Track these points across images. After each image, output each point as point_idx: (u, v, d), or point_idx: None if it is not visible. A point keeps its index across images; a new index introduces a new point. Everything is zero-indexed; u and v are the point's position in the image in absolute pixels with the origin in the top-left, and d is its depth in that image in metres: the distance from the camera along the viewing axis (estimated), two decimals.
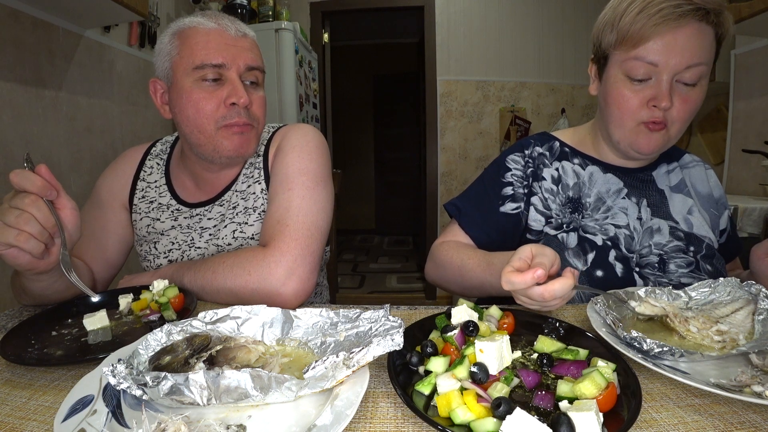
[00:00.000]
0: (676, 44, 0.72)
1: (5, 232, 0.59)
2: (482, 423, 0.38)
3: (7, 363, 0.54)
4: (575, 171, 0.91)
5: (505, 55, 3.41)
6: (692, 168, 0.95)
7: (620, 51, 0.78)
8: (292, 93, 2.60)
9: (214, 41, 0.82)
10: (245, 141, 0.86)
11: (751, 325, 0.56)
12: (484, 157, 3.52)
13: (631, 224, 0.86)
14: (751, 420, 0.41)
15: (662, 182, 0.91)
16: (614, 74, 0.80)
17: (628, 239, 0.84)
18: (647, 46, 0.74)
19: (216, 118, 0.83)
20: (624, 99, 0.79)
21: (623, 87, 0.79)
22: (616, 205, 0.87)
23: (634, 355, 0.50)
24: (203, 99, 0.82)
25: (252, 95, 0.86)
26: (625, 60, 0.77)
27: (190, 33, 0.83)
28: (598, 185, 0.89)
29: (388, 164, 6.19)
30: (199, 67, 0.81)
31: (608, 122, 0.84)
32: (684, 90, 0.76)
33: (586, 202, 0.88)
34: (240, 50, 0.84)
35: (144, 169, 0.99)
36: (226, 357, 0.50)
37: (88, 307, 0.70)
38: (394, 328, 0.48)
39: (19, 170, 0.61)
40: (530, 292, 0.58)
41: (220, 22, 0.84)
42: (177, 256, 0.92)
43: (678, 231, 0.86)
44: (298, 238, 0.80)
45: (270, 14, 2.95)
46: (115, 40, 2.06)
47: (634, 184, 0.89)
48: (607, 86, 0.82)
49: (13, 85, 1.51)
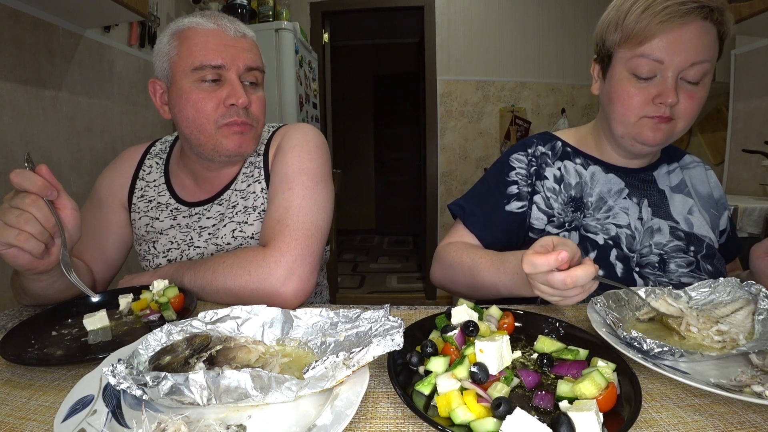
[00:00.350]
0: (681, 41, 0.73)
1: (5, 231, 0.59)
2: (482, 423, 0.38)
3: (7, 363, 0.54)
4: (577, 171, 0.91)
5: (505, 55, 3.41)
6: (692, 168, 0.96)
7: (625, 49, 0.78)
8: (292, 93, 2.60)
9: (213, 42, 0.82)
10: (245, 140, 0.86)
11: (751, 325, 0.56)
12: (484, 157, 3.52)
13: (632, 224, 0.86)
14: (751, 420, 0.41)
15: (663, 182, 0.91)
16: (619, 72, 0.80)
17: (629, 239, 0.85)
18: (652, 43, 0.74)
19: (215, 117, 0.83)
20: (629, 96, 0.79)
21: (628, 84, 0.79)
22: (618, 205, 0.87)
23: (634, 355, 0.50)
24: (202, 99, 0.82)
25: (251, 95, 0.86)
26: (631, 58, 0.77)
27: (189, 34, 0.83)
28: (599, 185, 0.89)
29: (388, 164, 6.19)
30: (199, 68, 0.81)
31: (611, 119, 0.84)
32: (688, 87, 0.77)
33: (587, 202, 0.88)
34: (239, 51, 0.84)
35: (143, 168, 0.99)
36: (226, 357, 0.50)
37: (88, 307, 0.70)
38: (394, 328, 0.48)
39: (20, 170, 0.61)
40: (551, 278, 0.57)
41: (219, 22, 0.84)
42: (176, 256, 0.92)
43: (678, 231, 0.87)
44: (298, 238, 0.80)
45: (270, 14, 2.95)
46: (115, 40, 2.06)
47: (635, 184, 0.90)
48: (611, 84, 0.82)
49: (13, 85, 1.51)
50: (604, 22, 0.83)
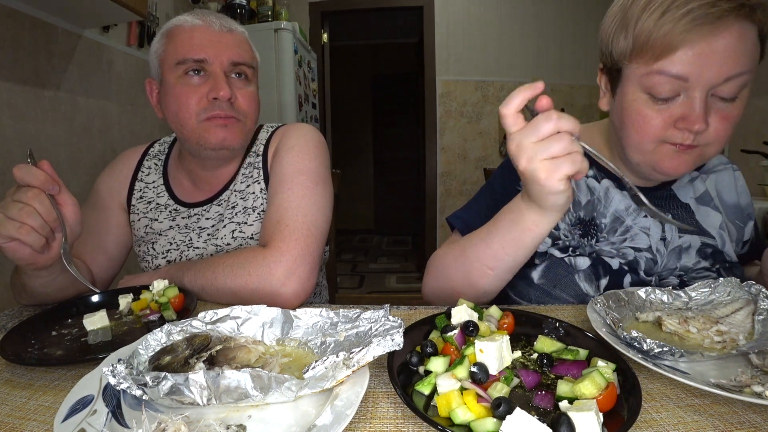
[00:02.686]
0: (712, 53, 0.57)
1: (7, 224, 0.59)
2: (482, 423, 0.38)
3: (7, 363, 0.54)
4: (589, 186, 0.79)
5: (505, 55, 3.42)
6: (719, 173, 0.83)
7: (638, 63, 0.63)
8: (291, 93, 2.59)
9: (198, 37, 0.83)
10: (229, 133, 0.86)
11: (751, 325, 0.56)
12: (483, 157, 3.53)
13: (654, 246, 0.75)
14: (751, 420, 0.41)
15: (685, 195, 0.79)
16: (632, 92, 0.65)
17: (650, 263, 0.74)
18: (674, 57, 0.59)
19: (197, 111, 0.83)
20: (645, 121, 0.64)
21: (644, 107, 0.64)
22: (636, 224, 0.76)
23: (634, 355, 0.50)
24: (185, 94, 0.83)
25: (238, 90, 0.86)
26: (646, 75, 0.62)
27: (175, 31, 0.84)
28: (614, 203, 0.77)
29: (388, 164, 6.19)
30: (181, 62, 0.82)
31: (625, 145, 0.71)
32: (721, 106, 0.61)
33: (600, 224, 0.77)
34: (224, 46, 0.84)
35: (142, 170, 0.99)
36: (226, 357, 0.50)
37: (88, 307, 0.70)
38: (394, 328, 0.48)
39: (22, 164, 0.62)
40: (533, 121, 0.52)
41: (205, 18, 0.85)
42: (175, 257, 0.92)
43: (707, 248, 0.76)
44: (298, 238, 0.79)
45: (269, 14, 2.95)
46: (113, 40, 2.06)
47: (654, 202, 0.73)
48: (622, 105, 0.67)
49: (12, 85, 1.50)
50: (610, 26, 0.67)
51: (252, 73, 0.90)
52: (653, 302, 0.65)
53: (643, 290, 0.65)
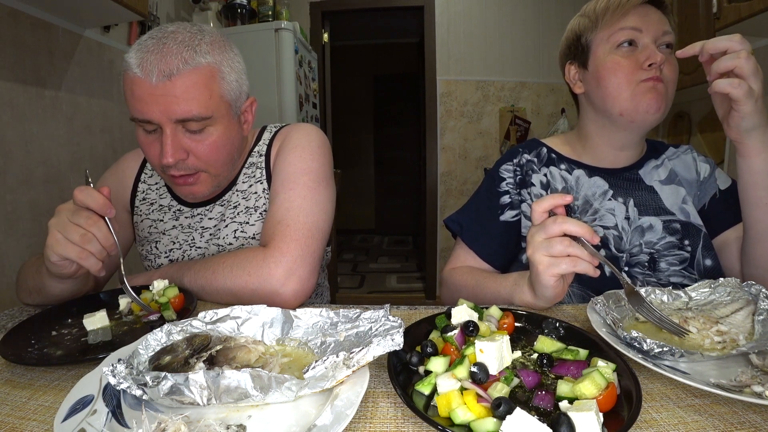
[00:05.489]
0: (648, 15, 0.81)
1: (68, 247, 0.64)
2: (482, 423, 0.38)
3: (7, 363, 0.54)
4: (563, 176, 0.93)
5: (505, 55, 3.41)
6: (680, 156, 0.95)
7: (603, 30, 0.84)
8: (292, 93, 2.59)
9: (138, 92, 0.73)
10: (194, 188, 0.84)
11: (751, 325, 0.56)
12: (484, 157, 3.52)
13: (620, 224, 0.87)
14: (751, 420, 0.41)
15: (651, 179, 0.91)
16: (603, 51, 0.85)
17: (617, 239, 0.86)
18: (627, 18, 0.82)
19: (160, 167, 0.81)
20: (619, 65, 0.82)
21: (615, 55, 0.83)
22: (603, 207, 0.88)
23: (634, 355, 0.50)
24: (146, 147, 0.80)
25: (194, 143, 0.78)
26: (611, 34, 0.83)
27: (124, 77, 0.76)
28: (584, 188, 0.90)
29: (388, 164, 6.19)
30: (133, 119, 0.78)
31: (606, 99, 0.84)
32: (666, 53, 0.81)
33: (574, 206, 0.90)
34: (165, 102, 0.73)
35: (145, 171, 1.00)
36: (226, 357, 0.50)
37: (88, 307, 0.70)
38: (394, 328, 0.48)
39: (84, 186, 0.67)
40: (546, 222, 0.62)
41: (144, 65, 0.72)
42: (178, 256, 0.92)
43: (674, 223, 0.86)
44: (299, 238, 0.79)
45: (270, 14, 2.95)
46: (114, 40, 2.06)
47: (619, 184, 0.90)
48: (597, 65, 0.85)
49: (12, 85, 1.50)
50: (574, 26, 0.91)
51: (210, 121, 0.78)
52: (653, 302, 0.65)
53: (644, 290, 0.65)
